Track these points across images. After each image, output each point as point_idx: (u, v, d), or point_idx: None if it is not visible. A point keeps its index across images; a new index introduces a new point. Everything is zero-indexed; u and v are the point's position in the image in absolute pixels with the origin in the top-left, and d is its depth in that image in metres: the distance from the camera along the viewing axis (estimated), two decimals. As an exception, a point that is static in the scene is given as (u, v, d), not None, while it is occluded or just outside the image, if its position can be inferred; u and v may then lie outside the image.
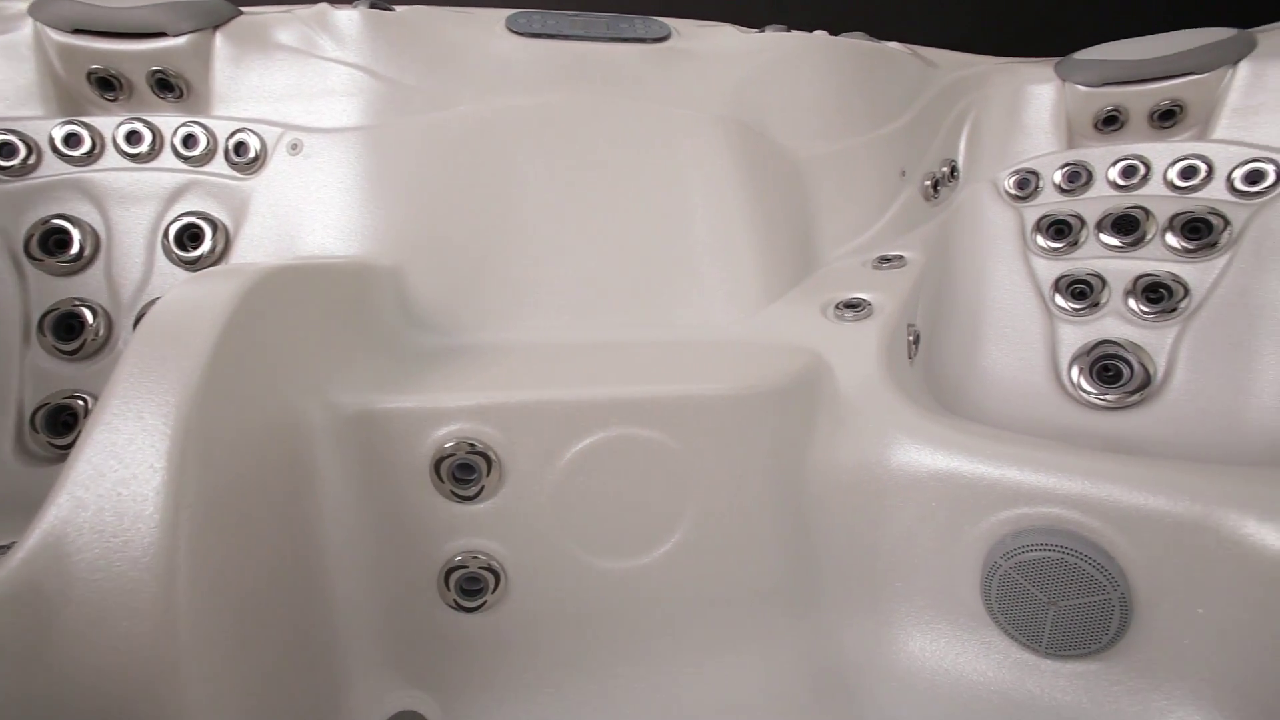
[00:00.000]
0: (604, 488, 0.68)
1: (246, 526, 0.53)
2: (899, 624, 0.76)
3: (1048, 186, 1.17)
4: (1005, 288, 1.12)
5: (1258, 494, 0.58)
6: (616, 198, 0.94)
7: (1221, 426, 0.94)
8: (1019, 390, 1.06)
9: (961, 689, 0.71)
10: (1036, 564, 0.63)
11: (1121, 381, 1.01)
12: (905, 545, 0.73)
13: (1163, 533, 0.60)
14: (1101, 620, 0.62)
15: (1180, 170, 1.06)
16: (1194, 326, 0.99)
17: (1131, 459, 0.65)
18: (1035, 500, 0.65)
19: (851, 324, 0.85)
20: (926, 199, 1.16)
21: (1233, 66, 1.07)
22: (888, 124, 1.11)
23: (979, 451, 0.67)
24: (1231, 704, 0.59)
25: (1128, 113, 1.16)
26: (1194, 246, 1.02)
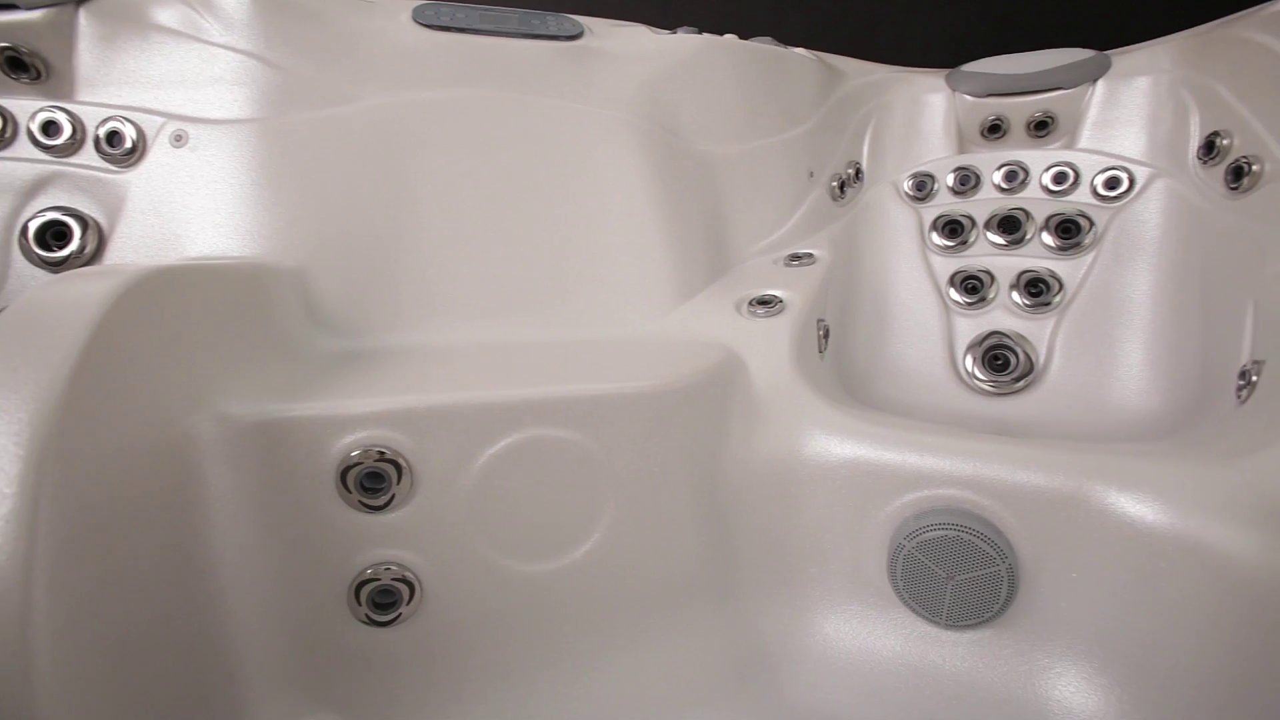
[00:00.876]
0: (521, 490, 0.67)
1: (121, 555, 0.48)
2: (815, 607, 0.79)
3: (942, 189, 1.25)
4: (906, 283, 1.19)
5: (1118, 467, 0.64)
6: (528, 197, 0.93)
7: (1091, 407, 1.04)
8: (921, 379, 1.13)
9: (872, 663, 0.75)
10: (936, 542, 0.68)
11: (1009, 369, 1.09)
12: (818, 532, 0.76)
13: (1042, 507, 0.66)
14: (992, 590, 0.67)
15: (1053, 176, 1.16)
16: (1068, 318, 1.08)
17: (1015, 441, 0.71)
18: (934, 483, 0.69)
19: (763, 320, 0.88)
20: (834, 199, 1.21)
21: (1092, 84, 1.18)
22: (796, 126, 1.15)
23: (883, 439, 0.71)
24: (1101, 656, 0.65)
25: (1009, 122, 1.26)
26: (1066, 245, 1.12)
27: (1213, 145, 1.01)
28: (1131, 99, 1.15)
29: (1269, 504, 0.55)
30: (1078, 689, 0.67)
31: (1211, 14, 1.09)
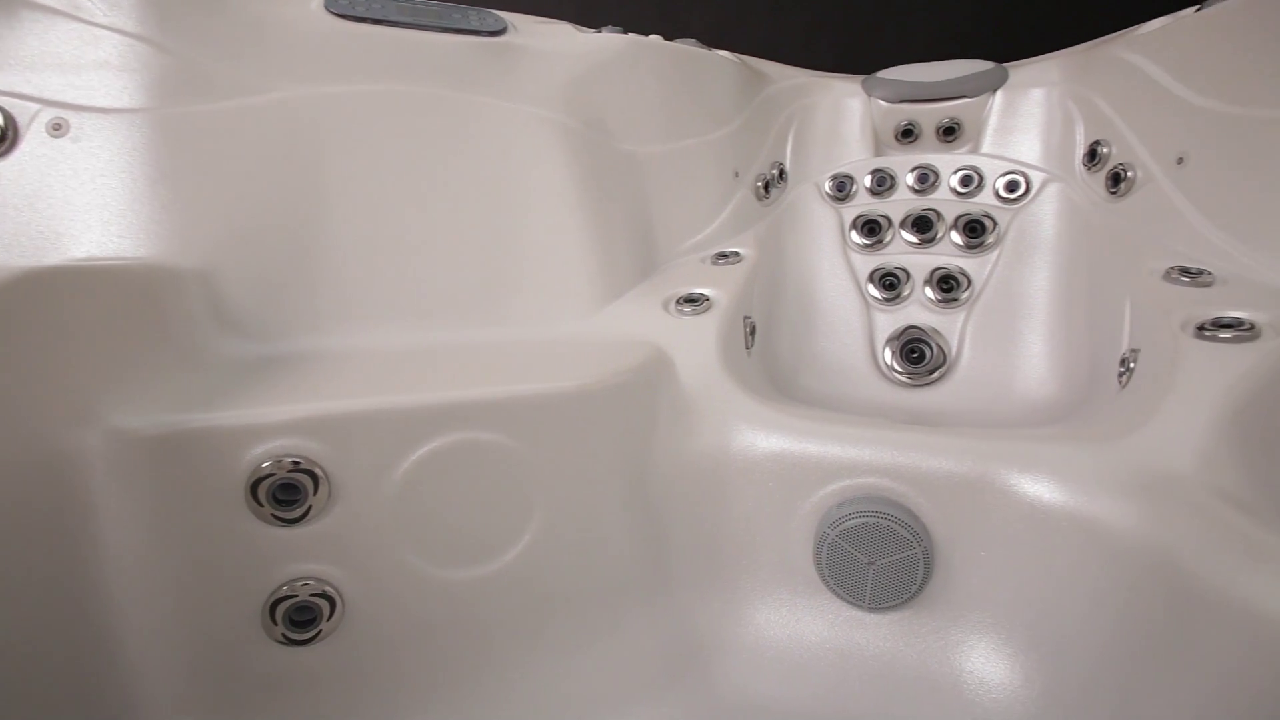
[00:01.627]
0: (447, 496, 0.66)
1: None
2: (746, 598, 0.81)
3: (860, 190, 1.30)
4: (829, 280, 1.24)
5: (1018, 451, 0.69)
6: (450, 195, 0.90)
7: (998, 395, 1.11)
8: (844, 372, 1.17)
9: (801, 648, 0.77)
10: (857, 529, 0.70)
11: (924, 361, 1.15)
12: (747, 524, 0.78)
13: (953, 491, 0.70)
14: (910, 573, 0.70)
15: (960, 178, 1.24)
16: (975, 312, 1.15)
17: (928, 430, 0.75)
18: (855, 472, 0.72)
19: (691, 318, 0.89)
20: (759, 199, 1.24)
21: (993, 93, 1.26)
22: (720, 127, 1.17)
23: (807, 432, 0.73)
24: (1008, 628, 0.70)
25: (920, 127, 1.32)
26: (973, 244, 1.19)
27: (1095, 153, 1.09)
28: (1026, 109, 1.24)
29: (1143, 479, 0.60)
30: (988, 659, 0.71)
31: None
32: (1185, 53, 0.97)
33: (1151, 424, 0.64)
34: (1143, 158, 1.00)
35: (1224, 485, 0.57)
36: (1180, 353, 0.71)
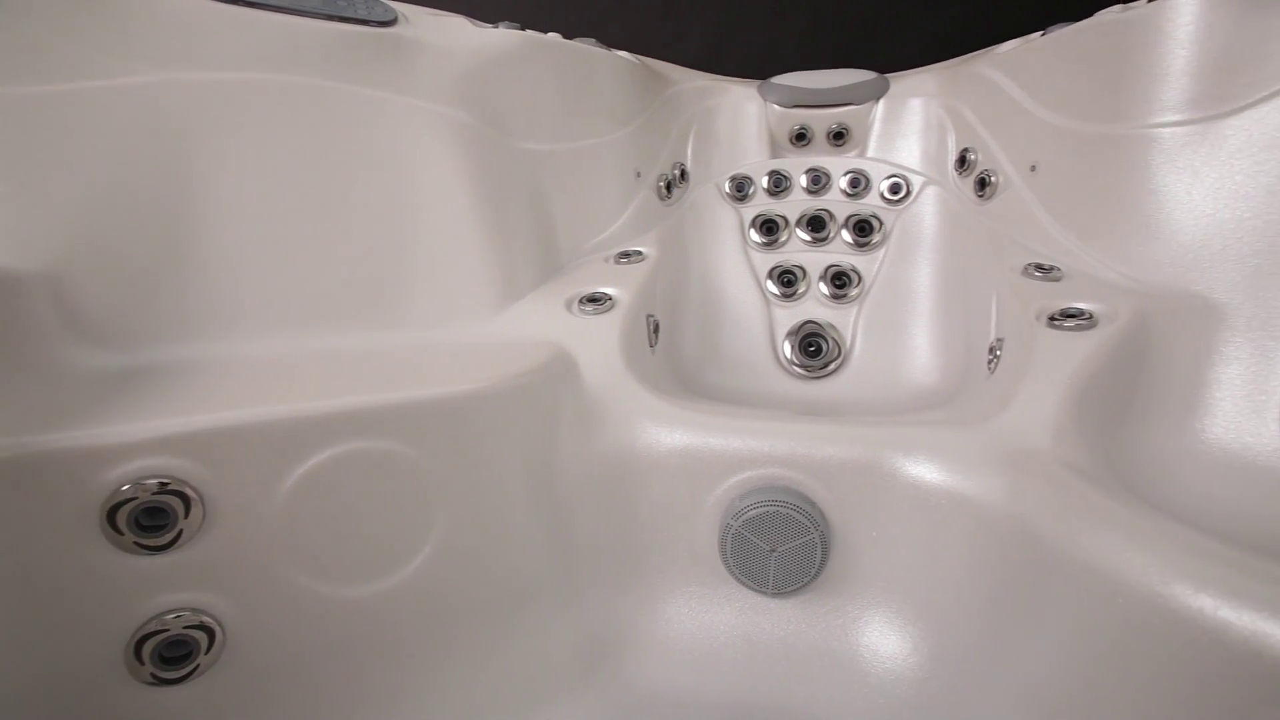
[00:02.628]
0: (339, 510, 0.62)
1: None
2: (657, 593, 0.82)
3: (759, 190, 1.35)
4: (730, 278, 1.28)
5: (903, 436, 0.73)
6: (336, 192, 0.85)
7: (888, 385, 1.18)
8: (746, 366, 1.21)
9: (710, 638, 0.79)
10: (759, 519, 0.73)
11: (821, 355, 1.21)
12: (656, 520, 0.79)
13: (846, 476, 0.74)
14: (809, 557, 0.74)
15: (849, 181, 1.31)
16: (866, 307, 1.23)
17: (823, 420, 0.78)
18: (755, 464, 0.74)
19: (593, 317, 0.89)
20: (661, 198, 1.26)
21: (876, 102, 1.35)
22: (621, 127, 1.18)
23: (708, 427, 0.75)
24: (899, 602, 0.74)
25: (812, 131, 1.39)
26: (862, 242, 1.26)
27: (965, 159, 1.19)
28: (906, 117, 1.33)
29: (1006, 456, 0.66)
30: (881, 631, 0.76)
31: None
32: (1034, 72, 1.08)
33: (1012, 406, 0.71)
34: (1003, 165, 1.10)
35: (1071, 458, 0.64)
36: (1035, 340, 0.78)
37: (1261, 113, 0.81)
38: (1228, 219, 0.82)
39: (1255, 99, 0.81)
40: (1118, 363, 0.76)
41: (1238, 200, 0.82)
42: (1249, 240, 0.80)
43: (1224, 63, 0.84)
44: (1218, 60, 0.84)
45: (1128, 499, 0.59)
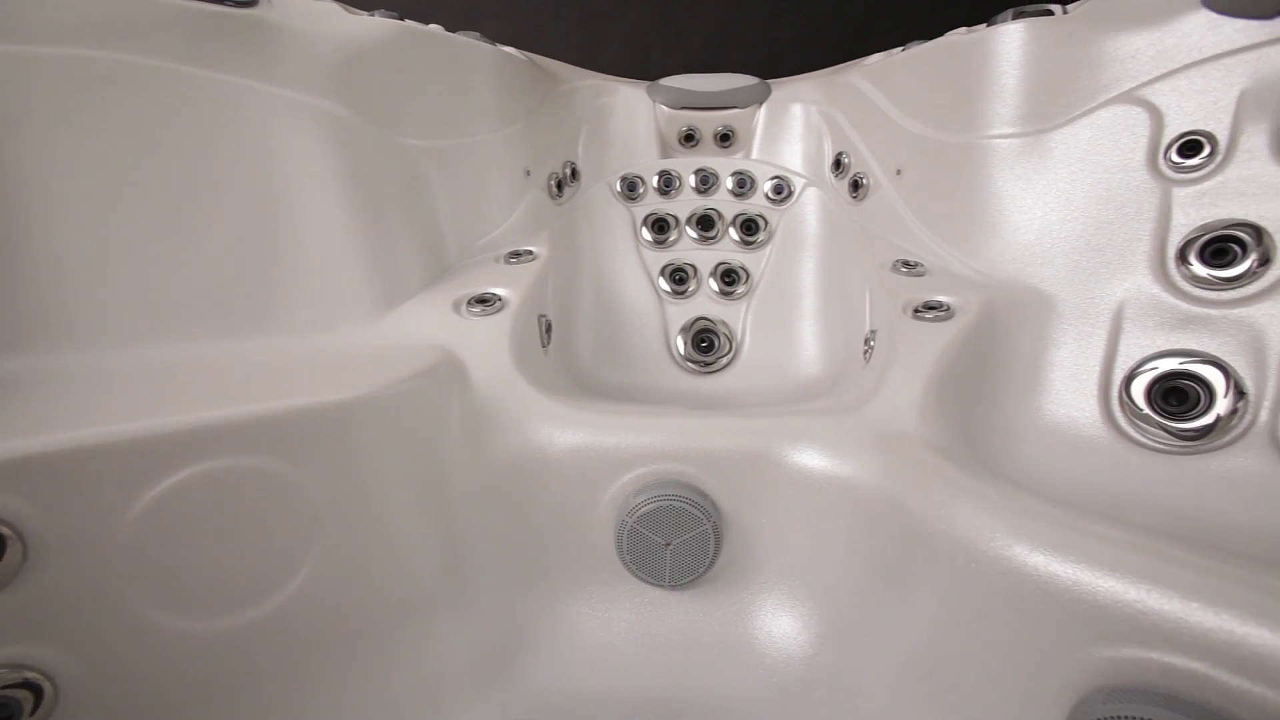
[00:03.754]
0: (199, 537, 0.57)
1: None
2: (556, 594, 0.81)
3: (649, 190, 1.37)
4: (624, 276, 1.29)
5: (789, 426, 0.77)
6: (191, 187, 0.78)
7: (777, 377, 1.23)
8: (641, 363, 1.22)
9: (611, 634, 0.80)
10: (653, 514, 0.74)
11: (714, 350, 1.25)
12: (552, 521, 0.78)
13: (736, 467, 0.76)
14: (703, 548, 0.76)
15: (736, 181, 1.36)
16: (755, 303, 1.28)
17: (713, 413, 0.81)
18: (648, 459, 0.75)
19: (482, 319, 0.87)
20: (552, 198, 1.25)
21: (759, 106, 1.40)
22: (508, 125, 1.15)
23: (601, 425, 0.75)
24: (789, 584, 0.78)
25: (700, 133, 1.43)
26: (749, 241, 1.31)
27: (840, 162, 1.27)
28: (787, 122, 1.40)
29: (880, 439, 0.71)
30: (774, 613, 0.79)
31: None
32: (895, 84, 1.16)
33: (882, 393, 0.76)
34: (873, 168, 1.18)
35: (933, 438, 0.70)
36: (901, 331, 0.85)
37: (1076, 129, 0.91)
38: (1054, 220, 0.93)
39: (1071, 117, 0.92)
40: (970, 350, 0.83)
41: (1061, 204, 0.93)
42: (1070, 239, 0.91)
43: (1046, 84, 0.94)
44: (1041, 82, 0.95)
45: (980, 472, 0.64)
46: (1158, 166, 0.87)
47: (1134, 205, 0.88)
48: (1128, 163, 0.88)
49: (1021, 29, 0.95)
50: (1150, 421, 0.81)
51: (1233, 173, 0.81)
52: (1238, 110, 0.81)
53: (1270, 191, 0.78)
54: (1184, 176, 0.85)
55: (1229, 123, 0.82)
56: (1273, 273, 0.77)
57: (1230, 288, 0.79)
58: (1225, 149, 0.82)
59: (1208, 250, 0.81)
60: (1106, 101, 0.91)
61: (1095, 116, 0.91)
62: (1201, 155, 0.83)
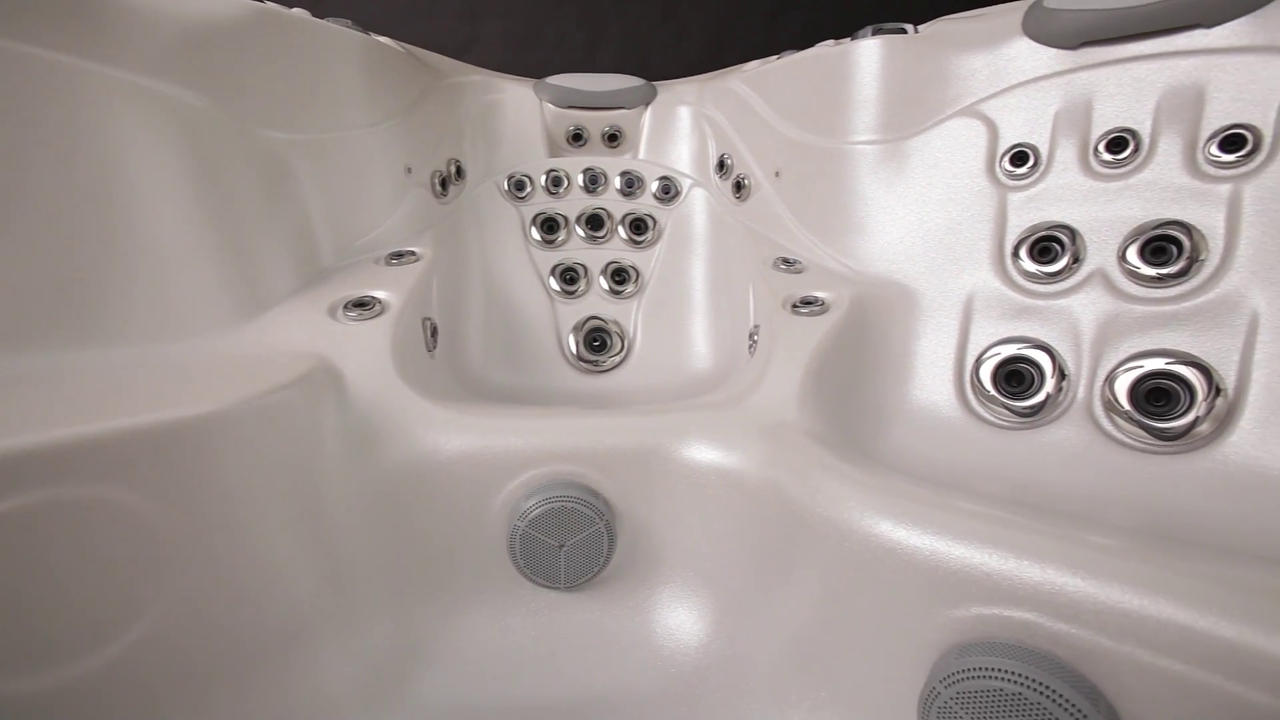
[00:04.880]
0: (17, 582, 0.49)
1: None
2: (450, 605, 0.78)
3: (538, 189, 1.36)
4: (514, 276, 1.27)
5: (678, 422, 0.79)
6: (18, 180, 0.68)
7: (670, 373, 1.26)
8: (534, 364, 1.21)
9: (508, 642, 0.78)
10: (545, 516, 0.73)
11: (606, 349, 1.25)
12: (443, 530, 0.76)
13: (627, 465, 0.77)
14: (597, 547, 0.76)
15: (624, 181, 1.37)
16: (646, 301, 1.30)
17: (603, 412, 0.81)
18: (537, 461, 0.74)
19: (360, 323, 0.82)
20: (436, 196, 1.21)
21: (645, 107, 1.43)
22: (386, 119, 1.10)
23: (490, 429, 0.74)
24: (684, 576, 0.80)
25: (588, 132, 1.43)
26: (639, 240, 1.33)
27: (723, 164, 1.31)
28: (673, 123, 1.43)
29: (762, 429, 0.74)
30: (670, 606, 0.81)
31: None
32: (772, 90, 1.22)
33: (764, 386, 0.80)
34: (754, 170, 1.24)
35: (810, 426, 0.74)
36: (781, 326, 0.89)
37: (928, 138, 1.00)
38: (913, 221, 1.01)
39: (924, 127, 1.01)
40: (843, 342, 0.89)
41: (918, 206, 1.01)
42: (927, 238, 1.00)
43: (902, 96, 1.03)
44: (898, 94, 1.03)
45: (852, 455, 0.69)
46: (995, 174, 0.97)
47: (977, 208, 0.97)
48: (971, 170, 0.98)
49: (879, 44, 1.03)
50: (996, 402, 0.90)
51: (1052, 181, 0.92)
52: (1053, 127, 0.92)
53: (1080, 198, 0.89)
54: (1015, 183, 0.95)
55: (1048, 137, 0.93)
56: (1085, 269, 0.88)
57: (1053, 282, 0.90)
58: (1046, 160, 0.93)
59: (1035, 249, 0.92)
60: (952, 114, 1.00)
61: (944, 127, 1.01)
62: (1028, 165, 0.94)
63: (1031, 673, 0.48)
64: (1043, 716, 0.47)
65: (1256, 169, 0.78)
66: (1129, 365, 0.83)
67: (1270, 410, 0.74)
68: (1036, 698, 0.47)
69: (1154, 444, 0.80)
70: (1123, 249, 0.86)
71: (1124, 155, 0.87)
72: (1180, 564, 0.49)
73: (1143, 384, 0.82)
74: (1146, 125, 0.87)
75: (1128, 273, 0.85)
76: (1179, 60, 0.84)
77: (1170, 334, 0.82)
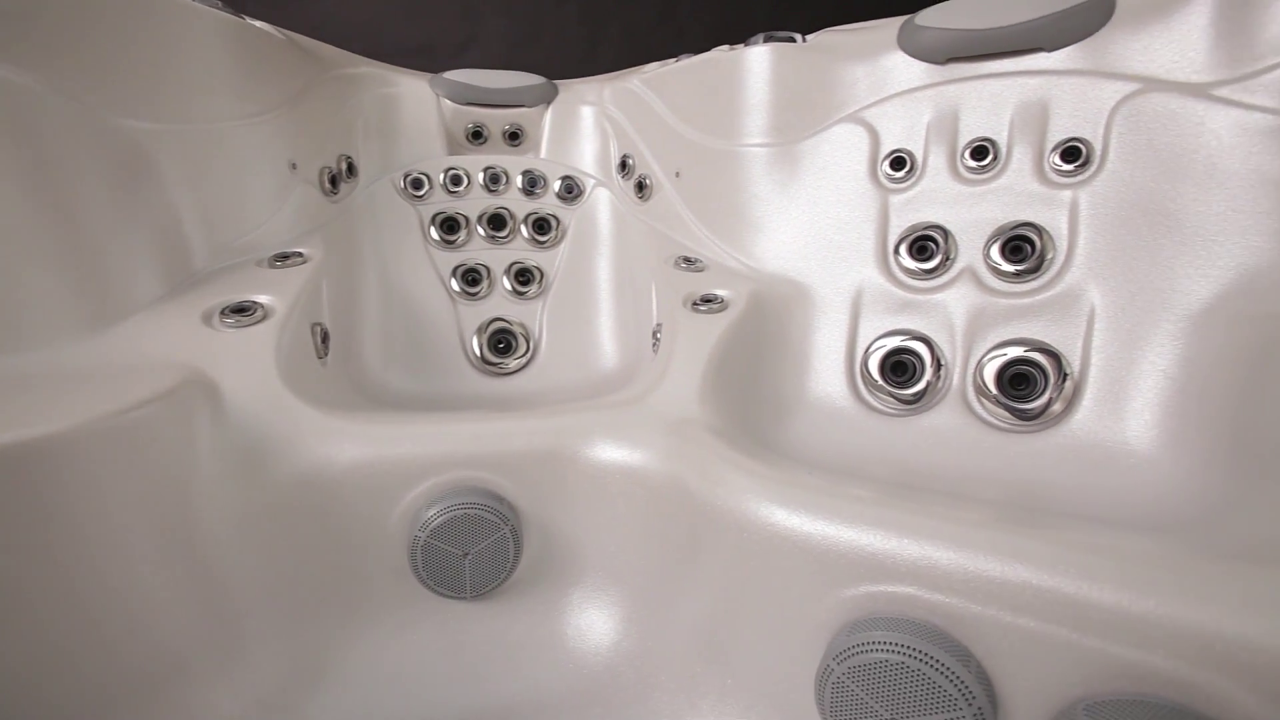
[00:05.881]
0: None
1: None
2: (351, 625, 0.75)
3: (437, 187, 1.31)
4: (413, 278, 1.22)
5: (582, 423, 0.79)
6: None
7: (576, 372, 1.26)
8: (436, 369, 1.17)
9: (413, 659, 0.75)
10: (446, 525, 0.71)
11: (512, 351, 1.23)
12: (340, 546, 0.72)
13: (532, 468, 0.76)
14: (503, 553, 0.75)
15: (527, 180, 1.35)
16: (550, 301, 1.29)
17: (506, 415, 0.80)
18: (439, 468, 0.72)
19: (239, 330, 0.76)
20: (325, 194, 1.14)
21: (547, 106, 1.41)
22: (265, 110, 1.02)
23: (386, 437, 0.71)
24: (595, 576, 0.80)
25: (489, 130, 1.40)
26: (543, 240, 1.32)
27: (625, 164, 1.32)
28: (575, 123, 1.42)
29: (665, 426, 0.76)
30: (581, 609, 0.81)
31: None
32: (671, 92, 1.25)
33: (666, 383, 0.81)
34: (655, 170, 1.26)
35: (710, 421, 0.76)
36: (682, 323, 0.91)
37: (817, 141, 1.06)
38: (806, 221, 1.07)
39: (814, 131, 1.07)
40: (742, 338, 0.93)
41: (810, 207, 1.06)
42: (820, 237, 1.05)
43: (792, 101, 1.08)
44: (788, 99, 1.08)
45: (751, 448, 0.72)
46: (877, 177, 1.03)
47: (863, 209, 1.04)
48: (856, 173, 1.04)
49: (769, 52, 1.07)
50: (883, 391, 0.97)
51: (926, 184, 0.99)
52: (926, 135, 1.00)
53: (950, 201, 0.97)
54: (895, 186, 1.02)
55: (922, 144, 1.00)
56: (957, 266, 0.96)
57: (930, 278, 0.97)
58: (921, 165, 1.00)
59: (914, 247, 0.99)
60: (838, 120, 1.06)
61: (831, 132, 1.06)
62: (905, 169, 1.01)
63: (911, 642, 0.52)
64: (922, 681, 0.51)
65: (1089, 178, 0.88)
66: (994, 353, 0.91)
67: (1105, 391, 0.83)
68: (916, 664, 0.51)
69: (1017, 424, 0.88)
70: (987, 248, 0.94)
71: (986, 162, 0.96)
72: (1034, 531, 0.55)
73: (1007, 370, 0.90)
74: (1004, 136, 0.95)
75: (992, 269, 0.93)
76: (1027, 79, 0.93)
77: (1027, 324, 0.90)
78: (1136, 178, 0.85)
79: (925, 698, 0.51)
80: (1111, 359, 0.84)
